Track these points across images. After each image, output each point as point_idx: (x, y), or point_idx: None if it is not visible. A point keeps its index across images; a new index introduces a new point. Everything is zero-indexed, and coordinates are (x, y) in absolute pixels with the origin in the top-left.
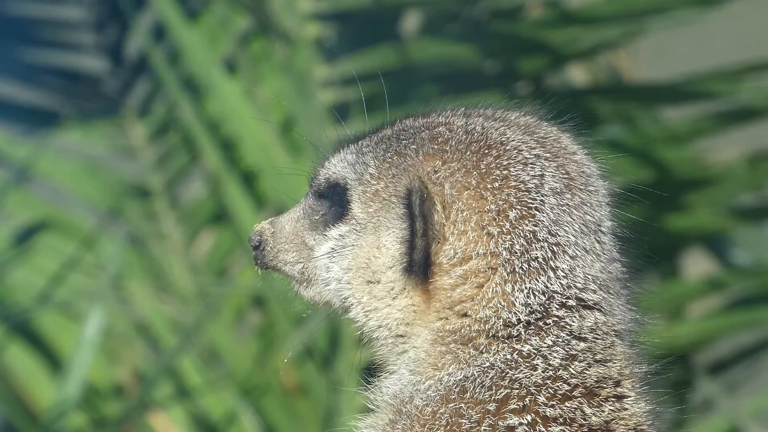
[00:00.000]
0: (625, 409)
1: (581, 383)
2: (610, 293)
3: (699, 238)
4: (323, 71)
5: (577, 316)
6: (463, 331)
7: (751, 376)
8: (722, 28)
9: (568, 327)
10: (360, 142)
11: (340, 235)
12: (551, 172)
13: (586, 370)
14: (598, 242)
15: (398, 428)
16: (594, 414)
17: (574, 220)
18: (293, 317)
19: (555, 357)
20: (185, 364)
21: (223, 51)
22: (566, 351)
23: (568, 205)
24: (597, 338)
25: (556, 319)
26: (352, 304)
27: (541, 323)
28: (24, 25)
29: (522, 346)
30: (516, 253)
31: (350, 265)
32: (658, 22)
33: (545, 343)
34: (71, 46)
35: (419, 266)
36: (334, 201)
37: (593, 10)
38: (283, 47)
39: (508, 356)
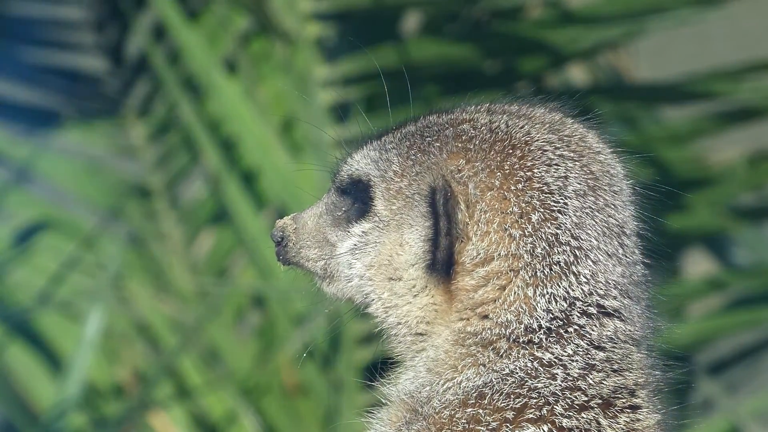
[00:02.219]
0: (639, 420)
1: (598, 393)
2: (630, 298)
3: (699, 238)
4: (323, 71)
5: (597, 325)
6: (484, 333)
7: (751, 376)
8: (722, 28)
9: (588, 336)
10: (383, 139)
11: (363, 232)
12: (575, 173)
13: (604, 380)
14: (621, 245)
15: (414, 429)
16: (609, 425)
17: (596, 223)
18: (293, 317)
19: (574, 367)
20: (185, 364)
21: (223, 51)
22: (585, 361)
23: (591, 207)
24: (615, 347)
25: (576, 327)
26: (372, 300)
27: (562, 331)
28: (24, 25)
29: (543, 354)
30: (537, 256)
31: (372, 262)
32: (658, 22)
33: (566, 352)
34: (71, 46)
35: (442, 265)
36: (357, 197)
37: (593, 10)
38: (283, 47)
39: (528, 364)
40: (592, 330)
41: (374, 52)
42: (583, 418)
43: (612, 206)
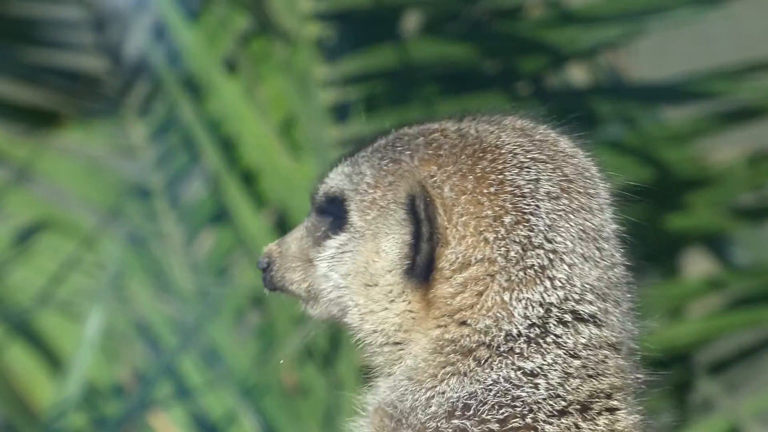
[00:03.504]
0: (618, 421)
1: (575, 399)
2: (607, 302)
3: (699, 238)
4: (323, 71)
5: (573, 332)
6: (462, 341)
7: (751, 376)
8: (722, 28)
9: (564, 346)
10: (356, 154)
11: (339, 244)
12: (547, 175)
13: (581, 386)
14: (597, 248)
15: None
16: (589, 428)
17: (571, 225)
18: (293, 317)
19: (554, 375)
20: (185, 364)
21: (223, 51)
22: (563, 369)
23: (564, 210)
24: (590, 354)
25: (554, 337)
26: (348, 308)
27: (540, 340)
28: (24, 25)
29: (524, 363)
30: (511, 260)
31: (349, 271)
32: (658, 22)
33: (546, 362)
34: (71, 46)
35: (421, 270)
36: (334, 214)
37: (593, 10)
38: (283, 47)
39: (512, 374)
40: (569, 339)
41: (374, 52)
42: (563, 423)
43: (587, 209)
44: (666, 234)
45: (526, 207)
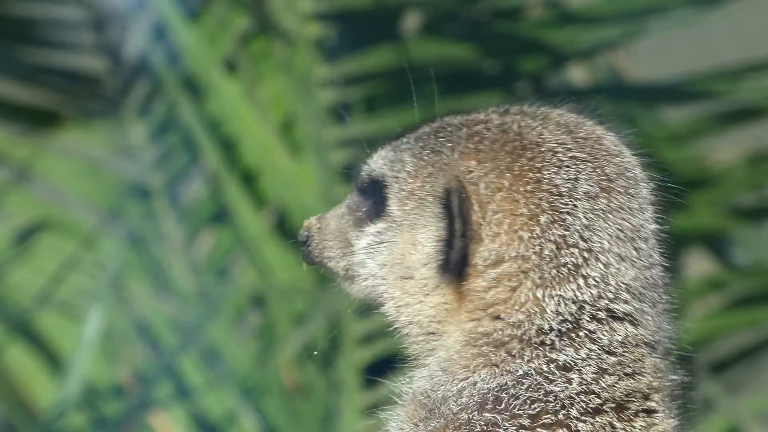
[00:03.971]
0: (655, 425)
1: (611, 397)
2: (643, 302)
3: (699, 238)
4: (323, 71)
5: (608, 329)
6: (495, 334)
7: (751, 376)
8: (722, 28)
9: (599, 341)
10: (400, 139)
11: (377, 232)
12: (587, 174)
13: (616, 383)
14: (635, 248)
15: (431, 426)
16: (624, 429)
17: (609, 225)
18: (293, 317)
19: (588, 370)
20: (185, 364)
21: (223, 51)
22: (598, 365)
23: (603, 209)
24: (626, 352)
25: (587, 332)
26: (385, 300)
27: (573, 334)
28: (24, 25)
29: (557, 356)
30: (545, 258)
31: (385, 261)
32: (658, 22)
33: (579, 356)
34: (71, 46)
35: (455, 266)
36: (375, 197)
37: (593, 10)
38: (283, 47)
39: (544, 366)
40: (603, 335)
41: (374, 52)
42: (597, 421)
43: (626, 208)
44: (666, 234)
45: (563, 206)
